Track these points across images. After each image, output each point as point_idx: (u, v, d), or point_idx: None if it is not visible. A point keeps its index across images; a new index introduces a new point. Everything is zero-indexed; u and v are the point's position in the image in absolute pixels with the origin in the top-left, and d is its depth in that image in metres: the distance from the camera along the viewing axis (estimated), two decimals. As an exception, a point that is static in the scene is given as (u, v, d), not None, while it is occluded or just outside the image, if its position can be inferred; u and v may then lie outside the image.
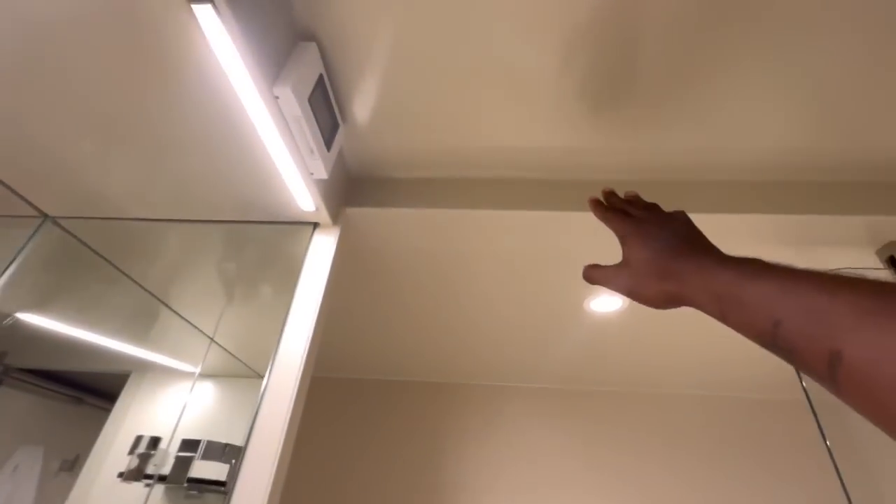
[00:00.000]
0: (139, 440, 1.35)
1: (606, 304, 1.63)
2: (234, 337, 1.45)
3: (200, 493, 1.35)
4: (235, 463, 1.32)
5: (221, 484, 1.29)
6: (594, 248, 0.67)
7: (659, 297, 0.41)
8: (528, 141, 1.10)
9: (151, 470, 1.32)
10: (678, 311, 0.41)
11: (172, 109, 0.85)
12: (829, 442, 1.04)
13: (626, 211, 0.51)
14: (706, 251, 0.40)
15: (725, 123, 1.03)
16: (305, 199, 1.03)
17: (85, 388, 1.51)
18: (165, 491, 1.34)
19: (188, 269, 1.38)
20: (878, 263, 1.13)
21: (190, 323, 1.45)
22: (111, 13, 0.69)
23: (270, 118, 0.81)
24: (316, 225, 1.14)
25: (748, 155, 1.10)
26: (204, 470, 1.31)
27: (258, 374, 1.44)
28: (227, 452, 1.32)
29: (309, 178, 0.97)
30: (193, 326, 1.45)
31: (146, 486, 1.33)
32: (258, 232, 1.16)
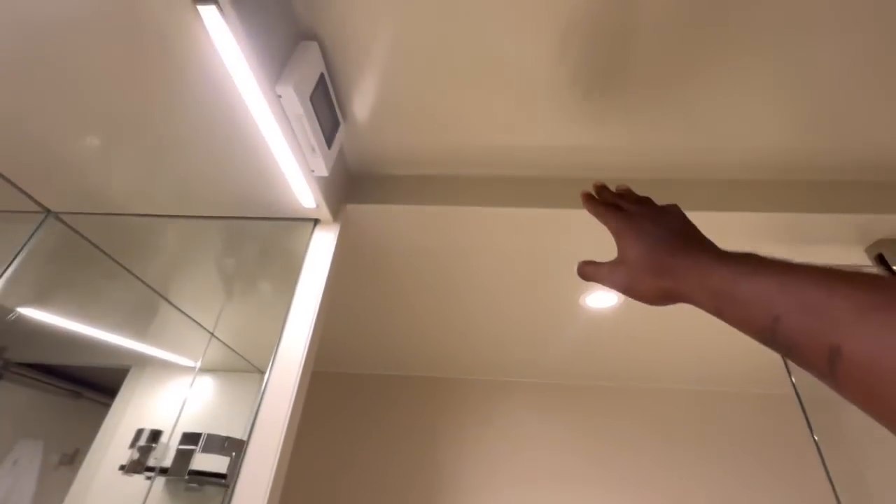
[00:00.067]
0: (140, 433, 1.35)
1: (602, 300, 1.65)
2: (234, 332, 1.46)
3: (201, 485, 1.36)
4: (236, 456, 1.34)
5: (222, 476, 1.30)
6: (591, 244, 0.68)
7: (654, 293, 0.41)
8: (525, 139, 1.11)
9: (152, 463, 1.33)
10: (673, 306, 0.41)
11: (175, 108, 0.86)
12: (817, 436, 1.06)
13: (618, 206, 0.50)
14: (701, 246, 0.40)
15: (719, 123, 1.04)
16: (306, 195, 1.04)
17: (84, 382, 1.51)
18: (166, 483, 1.35)
19: (189, 264, 1.39)
20: (867, 261, 1.15)
21: (190, 318, 1.46)
22: (116, 13, 0.69)
23: (272, 116, 0.82)
24: (317, 221, 1.15)
25: (742, 154, 1.12)
26: (205, 463, 1.31)
27: (258, 368, 1.45)
28: (227, 445, 1.34)
29: (310, 175, 0.98)
30: (194, 321, 1.46)
31: (147, 478, 1.34)
32: (259, 228, 1.17)
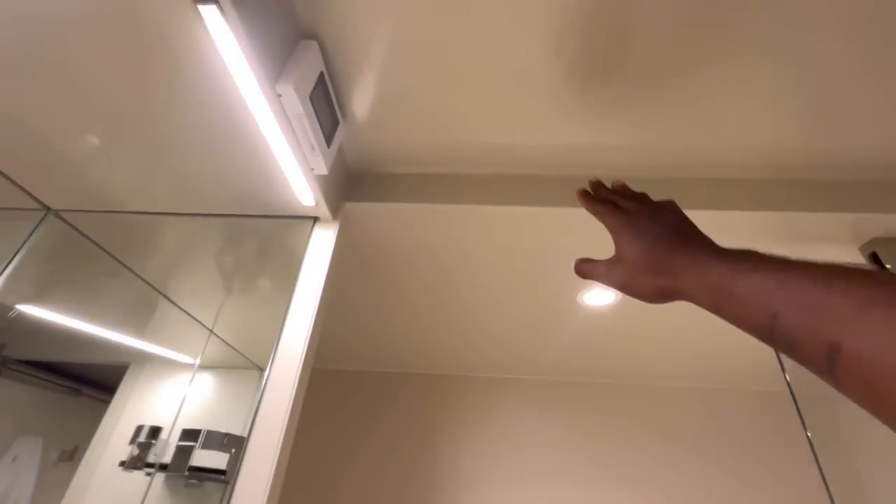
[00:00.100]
0: (140, 430, 1.36)
1: (599, 297, 1.66)
2: (233, 329, 1.47)
3: (200, 481, 1.37)
4: (235, 452, 1.34)
5: (221, 472, 1.31)
6: (589, 243, 0.69)
7: (653, 291, 0.41)
8: (524, 137, 1.12)
9: (152, 459, 1.33)
10: (670, 304, 0.41)
11: (176, 106, 0.86)
12: (810, 433, 1.07)
13: (615, 203, 0.49)
14: (699, 243, 0.40)
15: (717, 122, 1.05)
16: (306, 194, 1.05)
17: (83, 379, 1.51)
18: (166, 480, 1.35)
19: (189, 262, 1.39)
20: (861, 259, 1.16)
21: (190, 315, 1.46)
22: (116, 12, 0.70)
23: (273, 115, 0.83)
24: (316, 219, 1.16)
25: (738, 154, 1.12)
26: (204, 459, 1.32)
27: (257, 365, 1.46)
28: (226, 442, 1.34)
29: (310, 173, 0.98)
30: (193, 319, 1.47)
31: (147, 474, 1.34)
32: (259, 226, 1.17)
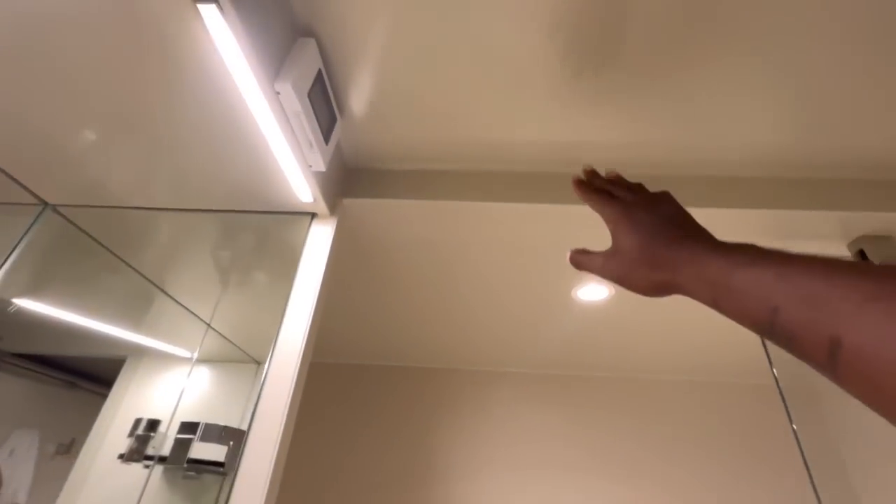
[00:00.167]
0: (138, 422, 1.37)
1: (593, 292, 1.68)
2: (231, 323, 1.47)
3: (198, 473, 1.38)
4: (233, 444, 1.36)
5: (220, 465, 1.33)
6: (584, 239, 0.70)
7: (650, 285, 0.40)
8: (520, 134, 1.13)
9: (151, 451, 1.34)
10: (663, 298, 0.40)
11: (175, 104, 0.86)
12: (796, 426, 1.10)
13: (611, 193, 0.48)
14: (698, 237, 0.39)
15: (710, 120, 1.06)
16: (304, 190, 1.05)
17: (79, 372, 1.52)
18: (164, 472, 1.36)
19: (187, 257, 1.39)
20: (849, 257, 1.18)
21: (188, 310, 1.47)
22: (116, 11, 0.70)
23: (271, 113, 0.83)
24: (314, 215, 1.16)
25: (731, 152, 1.14)
26: (203, 451, 1.33)
27: (254, 359, 1.47)
28: (224, 434, 1.36)
29: (308, 170, 0.99)
30: (191, 313, 1.47)
31: (145, 467, 1.36)
32: (257, 221, 1.18)
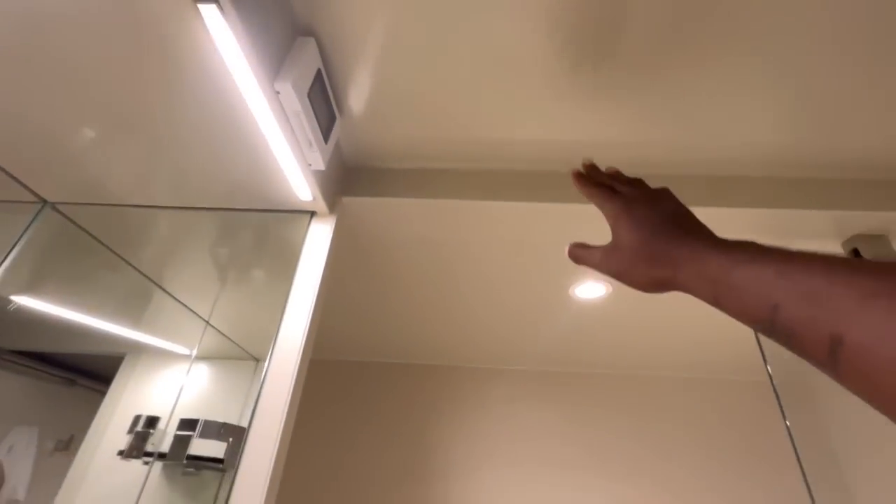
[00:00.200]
0: (138, 419, 1.37)
1: (590, 290, 1.69)
2: (230, 321, 1.48)
3: (198, 469, 1.39)
4: (233, 441, 1.37)
5: (219, 461, 1.33)
6: (582, 237, 0.70)
7: (649, 282, 0.40)
8: (517, 133, 1.13)
9: (150, 448, 1.35)
10: (658, 297, 0.40)
11: (175, 104, 0.86)
12: (789, 422, 1.11)
13: (612, 188, 0.48)
14: (699, 235, 0.39)
15: (706, 120, 1.07)
16: (303, 189, 1.05)
17: (78, 369, 1.52)
18: (163, 468, 1.37)
19: (187, 255, 1.40)
20: (843, 255, 1.19)
21: (187, 307, 1.47)
22: (117, 11, 0.70)
23: (271, 112, 0.83)
24: (313, 213, 1.16)
25: (727, 151, 1.15)
26: (202, 448, 1.34)
27: (253, 356, 1.48)
28: (223, 431, 1.36)
29: (307, 169, 0.99)
30: (190, 311, 1.48)
31: (144, 463, 1.36)
32: (256, 220, 1.18)
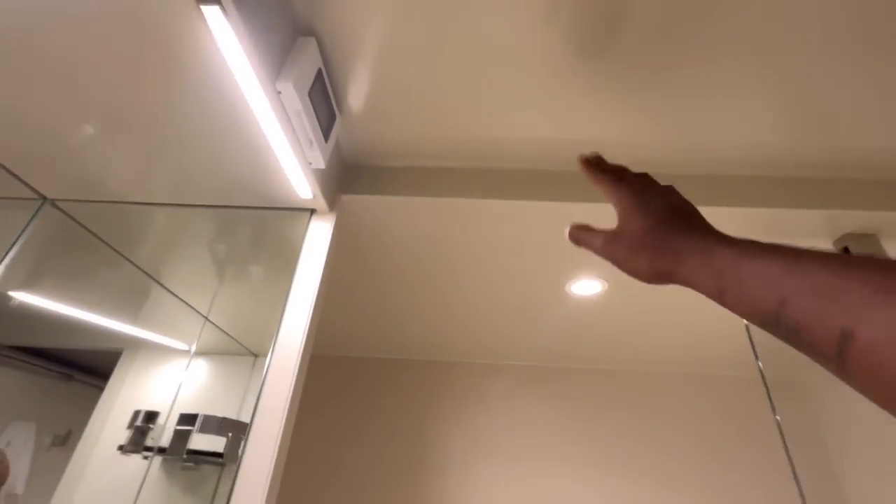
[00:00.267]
0: (137, 414, 1.38)
1: (586, 287, 1.71)
2: (230, 317, 1.48)
3: (197, 464, 1.40)
4: (232, 435, 1.38)
5: (219, 455, 1.35)
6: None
7: (651, 271, 0.39)
8: (515, 131, 1.14)
9: (150, 443, 1.36)
10: (653, 294, 0.41)
11: (177, 103, 0.87)
12: (778, 416, 1.14)
13: (620, 176, 0.47)
14: (706, 229, 0.39)
15: (702, 120, 1.08)
16: (303, 187, 1.06)
17: (75, 365, 1.52)
18: (162, 463, 1.38)
19: (187, 252, 1.40)
20: (834, 254, 1.21)
21: (186, 304, 1.47)
22: (120, 9, 0.70)
23: (272, 112, 0.84)
24: (313, 211, 1.17)
25: (720, 152, 1.16)
26: (202, 442, 1.35)
27: (251, 351, 1.49)
28: (223, 426, 1.38)
29: (307, 167, 1.00)
30: (190, 307, 1.48)
31: (144, 458, 1.37)
32: (256, 217, 1.19)
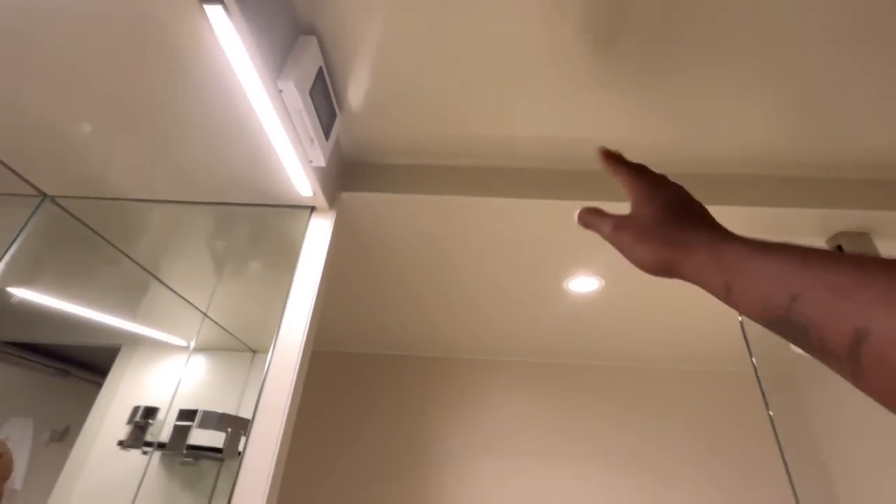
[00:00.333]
0: (136, 410, 1.39)
1: (583, 284, 1.72)
2: (229, 313, 1.49)
3: (196, 459, 1.41)
4: (231, 431, 1.39)
5: (218, 451, 1.36)
6: (580, 235, 0.70)
7: (656, 261, 0.39)
8: (517, 131, 1.15)
9: (150, 438, 1.37)
10: (650, 292, 0.42)
11: (179, 101, 0.87)
12: (771, 411, 1.16)
13: (639, 170, 0.47)
14: (715, 227, 0.39)
15: (698, 120, 1.09)
16: (304, 185, 1.07)
17: (72, 361, 1.52)
18: (161, 458, 1.38)
19: (188, 249, 1.40)
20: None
21: (186, 300, 1.48)
22: (124, 7, 0.70)
23: (274, 110, 0.84)
24: (313, 209, 1.18)
25: (715, 151, 1.18)
26: (201, 438, 1.36)
27: (250, 347, 1.50)
28: (222, 421, 1.38)
29: (308, 165, 1.00)
30: (189, 304, 1.48)
31: (143, 453, 1.38)
32: (256, 215, 1.19)
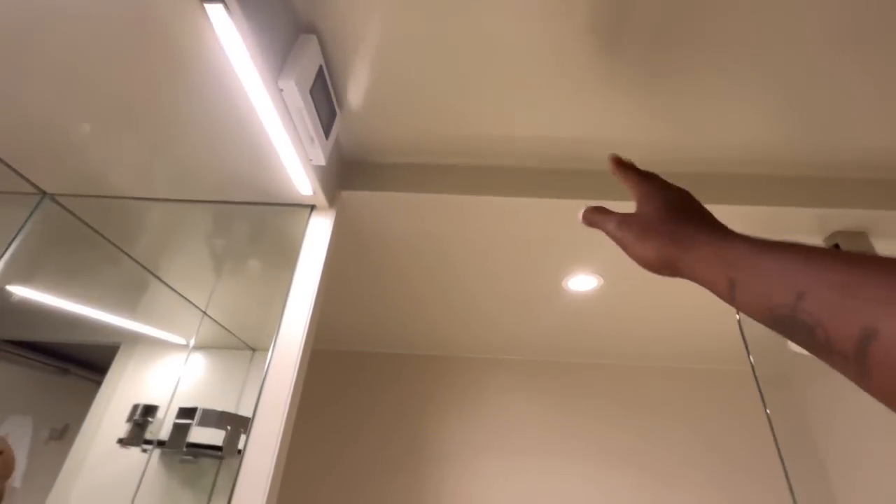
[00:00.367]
0: (136, 408, 1.39)
1: (582, 283, 1.73)
2: (229, 312, 1.49)
3: (196, 457, 1.41)
4: (231, 429, 1.39)
5: (218, 448, 1.36)
6: (579, 234, 0.71)
7: (656, 258, 0.40)
8: (517, 129, 1.15)
9: (149, 436, 1.37)
10: (649, 291, 0.43)
11: (180, 100, 0.87)
12: (769, 410, 1.16)
13: (647, 173, 0.48)
14: (718, 226, 0.39)
15: (696, 120, 1.10)
16: (304, 183, 1.07)
17: (71, 359, 1.52)
18: (161, 456, 1.39)
19: (187, 247, 1.40)
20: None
21: (185, 298, 1.48)
22: (125, 7, 0.70)
23: (274, 109, 0.84)
24: (313, 207, 1.18)
25: (713, 150, 1.18)
26: (201, 435, 1.36)
27: (249, 346, 1.50)
28: (222, 419, 1.39)
29: (308, 164, 1.00)
30: (189, 302, 1.48)
31: (143, 451, 1.38)
32: (256, 213, 1.19)
